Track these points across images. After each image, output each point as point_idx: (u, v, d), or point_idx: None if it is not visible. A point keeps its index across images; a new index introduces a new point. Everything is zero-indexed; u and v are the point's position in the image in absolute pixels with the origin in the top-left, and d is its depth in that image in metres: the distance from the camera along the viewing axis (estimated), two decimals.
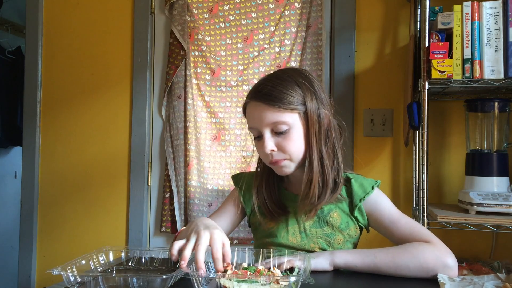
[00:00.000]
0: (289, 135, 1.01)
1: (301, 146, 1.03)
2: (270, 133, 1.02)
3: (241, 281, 0.76)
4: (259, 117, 1.01)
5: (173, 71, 2.06)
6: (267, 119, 1.00)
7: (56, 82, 2.27)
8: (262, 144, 1.02)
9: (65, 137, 2.25)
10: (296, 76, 1.03)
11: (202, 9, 2.07)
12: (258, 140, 1.05)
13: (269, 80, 1.03)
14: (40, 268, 2.25)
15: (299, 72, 1.06)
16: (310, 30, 1.94)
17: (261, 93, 1.01)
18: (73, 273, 0.80)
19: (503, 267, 1.48)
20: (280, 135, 1.01)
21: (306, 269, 0.82)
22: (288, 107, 0.99)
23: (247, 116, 1.06)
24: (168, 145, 2.09)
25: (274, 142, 1.01)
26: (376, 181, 1.10)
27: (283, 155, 1.02)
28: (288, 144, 1.01)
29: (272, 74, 1.06)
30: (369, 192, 1.07)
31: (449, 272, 0.92)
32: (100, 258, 0.92)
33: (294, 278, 0.76)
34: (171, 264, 0.95)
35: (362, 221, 1.08)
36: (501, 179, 1.50)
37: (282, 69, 1.09)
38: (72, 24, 2.26)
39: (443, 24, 1.45)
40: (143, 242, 2.11)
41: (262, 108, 1.00)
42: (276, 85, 1.01)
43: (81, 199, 2.21)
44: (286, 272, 0.89)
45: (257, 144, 1.06)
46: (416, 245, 0.96)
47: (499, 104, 1.57)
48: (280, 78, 1.02)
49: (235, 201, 1.18)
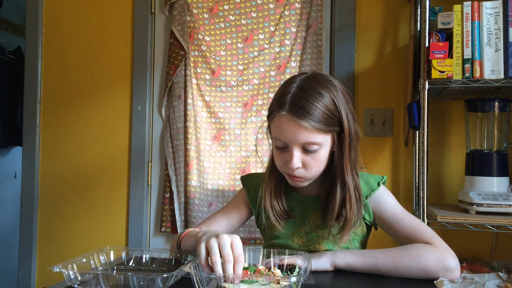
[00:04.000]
0: (317, 155, 0.98)
1: (324, 164, 1.01)
2: (299, 150, 0.97)
3: (240, 281, 0.76)
4: (293, 134, 0.95)
5: (173, 71, 2.06)
6: (301, 138, 0.95)
7: (56, 82, 2.27)
8: (286, 157, 0.98)
9: (65, 137, 2.25)
10: (333, 90, 0.97)
11: (202, 9, 2.07)
12: (281, 151, 1.00)
13: (307, 93, 0.95)
14: (40, 268, 2.25)
15: (333, 84, 1.00)
16: (310, 30, 1.94)
17: (298, 108, 0.93)
18: (74, 271, 0.80)
19: (503, 267, 1.48)
20: (308, 153, 0.97)
21: (307, 269, 0.81)
22: (326, 128, 0.95)
23: (276, 127, 0.98)
24: (168, 145, 2.09)
25: (300, 159, 0.97)
26: (382, 177, 1.09)
27: (304, 173, 0.99)
28: (314, 164, 0.99)
29: (308, 85, 0.97)
30: (374, 189, 1.06)
31: (451, 275, 0.92)
32: (101, 258, 0.92)
33: (295, 278, 0.75)
34: (172, 265, 0.95)
35: (368, 218, 1.08)
36: (501, 179, 1.50)
37: (316, 78, 0.99)
38: (72, 24, 2.26)
39: (443, 24, 1.45)
40: (143, 242, 2.11)
41: (298, 126, 0.94)
42: (315, 101, 0.94)
43: (81, 198, 2.21)
44: (287, 272, 0.89)
45: (279, 154, 1.01)
46: (418, 247, 0.96)
47: (499, 104, 1.57)
48: (318, 93, 0.95)
49: (243, 202, 1.17)
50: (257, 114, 2.00)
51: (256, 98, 2.01)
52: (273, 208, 1.07)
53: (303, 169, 0.99)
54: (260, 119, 2.00)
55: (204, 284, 0.78)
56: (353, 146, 1.01)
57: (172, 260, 0.97)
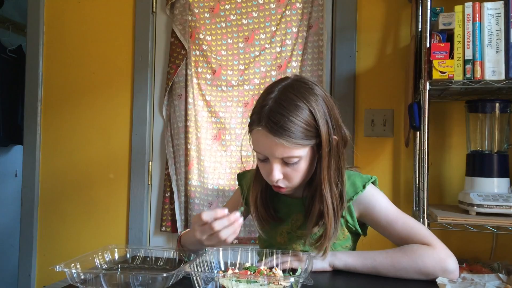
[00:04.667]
0: (298, 166, 0.97)
1: (306, 174, 1.00)
2: (279, 163, 0.96)
3: (239, 281, 0.76)
4: (270, 149, 0.95)
5: (174, 71, 2.06)
6: (278, 153, 0.94)
7: (57, 81, 2.27)
8: (267, 169, 0.98)
9: (65, 136, 2.25)
10: (311, 100, 0.94)
11: (203, 8, 2.07)
12: (263, 163, 1.00)
13: (283, 107, 0.93)
14: (40, 267, 2.25)
15: (313, 93, 0.96)
16: (311, 30, 1.94)
17: (273, 123, 0.92)
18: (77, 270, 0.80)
19: (503, 268, 1.48)
20: (289, 165, 0.96)
21: (307, 269, 0.81)
22: (303, 142, 0.93)
23: (255, 140, 0.98)
24: (168, 144, 2.09)
25: (281, 171, 0.97)
26: (370, 178, 1.06)
27: (287, 183, 0.99)
28: (295, 175, 0.98)
29: (285, 98, 0.94)
30: (359, 192, 1.03)
31: (449, 275, 0.92)
32: (106, 256, 0.93)
33: (293, 278, 0.75)
34: (176, 263, 0.95)
35: (351, 221, 1.06)
36: (501, 180, 1.50)
37: (294, 88, 0.96)
38: (73, 23, 2.26)
39: (444, 24, 1.45)
40: (143, 241, 2.11)
41: (274, 142, 0.93)
42: (292, 116, 0.91)
43: (82, 197, 2.21)
44: (289, 273, 0.89)
45: (261, 166, 1.01)
46: (416, 248, 0.95)
47: (500, 105, 1.56)
48: (295, 106, 0.93)
49: (237, 200, 1.19)
50: None
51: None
52: (258, 214, 1.08)
53: (285, 180, 0.99)
54: None
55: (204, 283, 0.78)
56: (334, 155, 0.98)
57: (176, 259, 0.97)
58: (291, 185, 1.00)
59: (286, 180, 0.99)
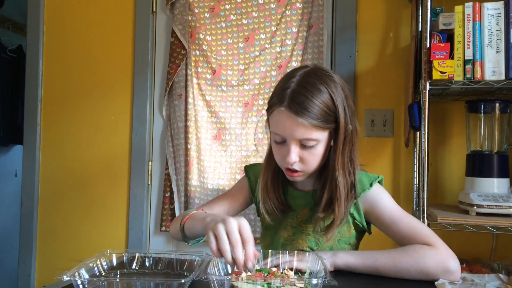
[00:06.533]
0: (314, 150, 0.98)
1: (321, 159, 1.01)
2: (297, 146, 0.98)
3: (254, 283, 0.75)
4: (290, 130, 0.96)
5: (174, 71, 2.06)
6: (298, 134, 0.96)
7: (57, 80, 2.27)
8: (284, 151, 0.99)
9: (65, 136, 2.25)
10: (331, 85, 0.97)
11: (204, 8, 2.07)
12: (280, 145, 1.01)
13: (306, 89, 0.95)
14: (40, 267, 2.25)
15: (333, 80, 0.99)
16: (311, 30, 1.94)
17: (296, 104, 0.94)
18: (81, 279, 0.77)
19: (503, 268, 1.48)
20: (306, 148, 0.98)
21: (326, 270, 0.80)
22: (323, 125, 0.96)
23: (274, 121, 0.99)
24: (168, 144, 2.09)
25: (298, 154, 0.98)
26: (377, 177, 1.08)
27: (302, 167, 1.00)
28: (312, 159, 0.99)
29: (307, 81, 0.97)
30: (366, 189, 1.05)
31: (451, 276, 0.92)
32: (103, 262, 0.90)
33: (316, 280, 0.74)
34: (177, 268, 0.94)
35: (358, 218, 1.07)
36: (501, 180, 1.50)
37: (316, 73, 0.99)
38: (73, 23, 2.26)
39: (444, 25, 1.45)
40: (143, 242, 2.11)
41: (296, 122, 0.94)
42: (314, 97, 0.94)
43: (82, 197, 2.21)
44: (298, 274, 0.88)
45: (277, 148, 1.02)
46: (418, 248, 0.95)
47: (500, 105, 1.56)
48: (317, 89, 0.96)
49: (244, 189, 1.19)
50: (257, 114, 2.00)
51: (257, 98, 2.01)
52: (268, 200, 1.08)
53: (300, 163, 1.00)
54: (261, 118, 2.00)
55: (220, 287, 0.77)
56: (348, 143, 1.01)
57: (176, 261, 0.95)
58: (306, 168, 1.01)
59: (302, 164, 1.00)
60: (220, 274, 0.85)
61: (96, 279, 0.81)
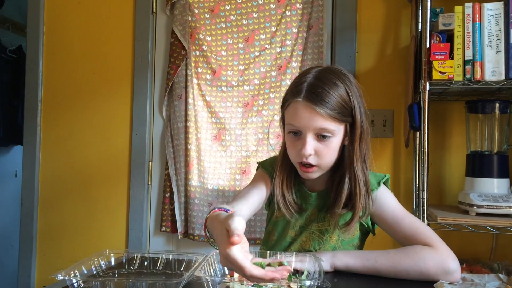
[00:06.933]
0: (330, 143, 0.99)
1: (336, 155, 1.01)
2: (313, 138, 0.98)
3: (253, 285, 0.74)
4: (308, 120, 0.97)
5: (174, 71, 2.06)
6: (315, 124, 0.96)
7: (57, 81, 2.27)
8: (299, 145, 0.99)
9: (65, 136, 2.25)
10: (347, 82, 1.00)
11: (203, 9, 2.07)
12: (295, 138, 1.01)
13: (323, 82, 0.98)
14: (40, 267, 2.25)
15: (348, 78, 1.02)
16: (311, 31, 1.94)
17: (314, 95, 0.96)
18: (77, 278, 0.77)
19: (503, 269, 1.48)
20: (321, 141, 0.98)
21: (320, 272, 0.79)
22: (339, 117, 0.97)
23: (290, 113, 1.00)
24: (168, 144, 2.09)
25: (313, 147, 0.99)
26: (384, 176, 1.09)
27: (317, 160, 1.00)
28: (327, 153, 0.99)
29: (324, 75, 1.00)
30: (374, 189, 1.05)
31: (451, 277, 0.92)
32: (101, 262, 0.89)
33: (309, 282, 0.73)
34: (174, 268, 0.94)
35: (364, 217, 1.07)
36: (501, 180, 1.50)
37: (332, 70, 1.03)
38: (73, 24, 2.26)
39: (444, 25, 1.45)
40: (143, 242, 2.11)
41: (314, 112, 0.96)
42: (331, 90, 0.97)
43: (82, 198, 2.21)
44: (296, 275, 0.88)
45: (292, 142, 1.02)
46: (418, 249, 0.95)
47: (500, 105, 1.56)
48: (334, 83, 0.98)
49: (264, 177, 1.12)
50: (257, 114, 2.00)
51: (257, 98, 2.01)
52: (283, 197, 1.07)
53: (315, 157, 1.00)
54: (260, 119, 2.00)
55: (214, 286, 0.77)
56: (364, 139, 1.02)
57: (174, 262, 0.95)
58: (321, 163, 1.00)
59: (317, 157, 1.00)
60: (217, 275, 0.85)
61: (90, 278, 0.80)
